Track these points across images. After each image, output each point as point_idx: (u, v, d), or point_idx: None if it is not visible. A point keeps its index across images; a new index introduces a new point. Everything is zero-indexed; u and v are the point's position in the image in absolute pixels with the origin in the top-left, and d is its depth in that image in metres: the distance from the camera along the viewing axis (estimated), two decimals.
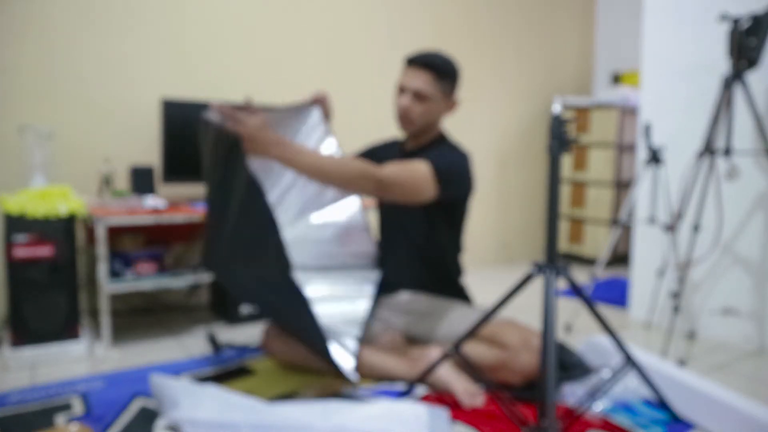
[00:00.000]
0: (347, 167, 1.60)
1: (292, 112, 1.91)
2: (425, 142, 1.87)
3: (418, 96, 1.77)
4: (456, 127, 2.24)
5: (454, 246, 1.94)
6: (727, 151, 1.99)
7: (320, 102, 1.96)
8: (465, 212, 1.91)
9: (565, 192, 3.87)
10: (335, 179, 1.60)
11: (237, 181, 1.58)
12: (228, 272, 1.77)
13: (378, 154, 1.97)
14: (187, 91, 2.49)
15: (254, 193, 1.51)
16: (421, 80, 1.76)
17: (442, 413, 1.47)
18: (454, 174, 1.74)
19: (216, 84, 2.62)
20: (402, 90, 1.80)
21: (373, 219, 2.05)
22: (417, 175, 1.66)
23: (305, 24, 2.90)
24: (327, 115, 1.99)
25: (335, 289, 1.94)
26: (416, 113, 1.78)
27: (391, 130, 2.13)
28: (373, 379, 1.72)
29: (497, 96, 3.77)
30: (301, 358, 1.77)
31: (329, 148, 1.98)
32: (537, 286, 1.37)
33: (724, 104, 1.99)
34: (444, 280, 1.93)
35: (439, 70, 1.76)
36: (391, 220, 1.95)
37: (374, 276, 1.96)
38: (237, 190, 1.58)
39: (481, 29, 3.62)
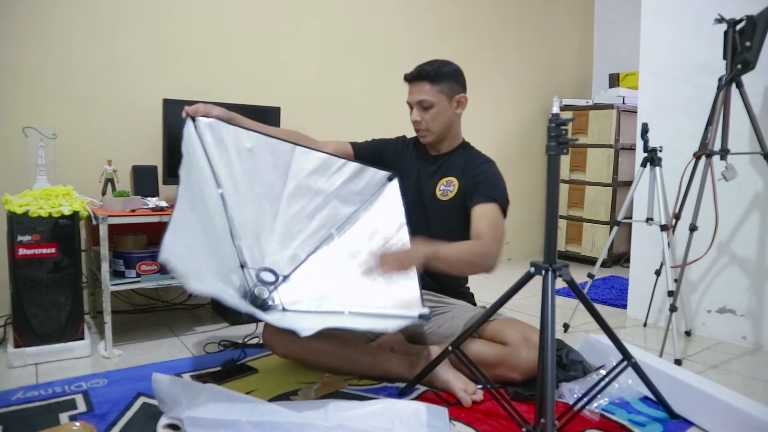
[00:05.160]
0: (475, 257, 1.68)
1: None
2: (449, 148, 1.94)
3: (423, 106, 1.85)
4: None
5: None
6: (724, 152, 2.00)
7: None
8: None
9: (564, 192, 3.89)
10: (471, 269, 1.76)
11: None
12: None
13: (387, 152, 2.01)
14: (189, 92, 2.50)
15: None
16: (421, 91, 1.84)
17: (442, 412, 1.49)
18: (506, 191, 1.85)
19: (217, 85, 2.63)
20: (411, 107, 1.89)
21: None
22: (501, 224, 1.79)
23: (305, 25, 2.92)
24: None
25: None
26: (427, 121, 1.86)
27: (390, 131, 2.14)
28: (373, 377, 1.74)
29: (497, 97, 3.79)
30: (302, 353, 1.76)
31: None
32: (536, 285, 1.39)
33: (720, 106, 2.01)
34: (450, 284, 1.94)
35: (431, 75, 1.83)
36: (417, 218, 1.89)
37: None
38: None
39: (481, 31, 3.64)
